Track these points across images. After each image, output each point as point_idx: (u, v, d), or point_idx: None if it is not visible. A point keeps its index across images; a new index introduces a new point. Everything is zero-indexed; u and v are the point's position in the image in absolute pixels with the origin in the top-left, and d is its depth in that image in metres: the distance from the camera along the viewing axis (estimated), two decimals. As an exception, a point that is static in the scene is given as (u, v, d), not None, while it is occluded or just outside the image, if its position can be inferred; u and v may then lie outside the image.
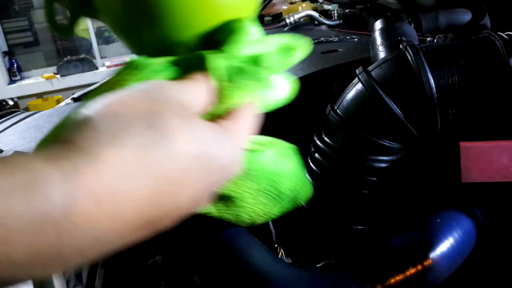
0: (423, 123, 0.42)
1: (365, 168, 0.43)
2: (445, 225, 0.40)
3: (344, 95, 0.45)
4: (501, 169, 0.39)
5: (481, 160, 0.39)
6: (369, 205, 0.44)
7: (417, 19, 0.50)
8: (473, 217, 0.41)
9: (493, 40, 0.41)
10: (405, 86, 0.41)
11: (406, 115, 0.42)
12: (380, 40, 0.49)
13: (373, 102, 0.42)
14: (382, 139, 0.43)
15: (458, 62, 0.41)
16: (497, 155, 0.39)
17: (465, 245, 0.40)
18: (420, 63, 0.40)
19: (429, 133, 0.43)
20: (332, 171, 0.45)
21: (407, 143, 0.44)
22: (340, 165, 0.44)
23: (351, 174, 0.44)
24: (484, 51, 0.41)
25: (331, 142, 0.45)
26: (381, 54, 0.48)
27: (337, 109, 0.45)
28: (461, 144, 0.39)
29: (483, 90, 0.40)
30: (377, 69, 0.43)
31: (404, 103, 0.42)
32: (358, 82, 0.44)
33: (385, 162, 0.43)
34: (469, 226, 0.40)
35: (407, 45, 0.42)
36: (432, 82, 0.40)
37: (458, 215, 0.41)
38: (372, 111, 0.42)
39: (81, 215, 0.18)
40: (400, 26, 0.49)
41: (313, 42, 0.73)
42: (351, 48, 0.64)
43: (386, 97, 0.42)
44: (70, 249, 0.18)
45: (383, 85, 0.42)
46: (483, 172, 0.39)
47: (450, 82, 0.40)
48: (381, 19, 0.51)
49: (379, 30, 0.50)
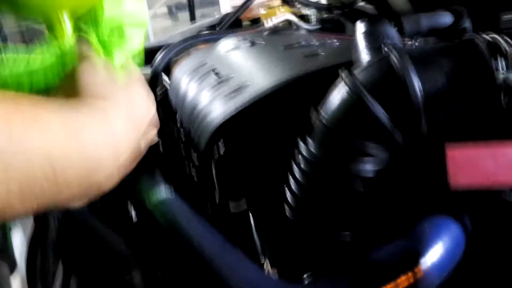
0: (409, 126, 0.41)
1: (350, 174, 0.42)
2: (433, 232, 0.39)
3: (329, 99, 0.44)
4: (488, 174, 0.38)
5: (469, 164, 0.38)
6: (355, 213, 0.43)
7: (399, 22, 0.50)
8: (461, 223, 0.41)
9: (477, 43, 0.41)
10: (391, 89, 0.40)
11: (391, 118, 0.41)
12: (364, 43, 0.48)
13: (358, 106, 0.41)
14: (367, 143, 0.42)
15: (443, 65, 0.40)
16: (485, 159, 0.38)
17: (454, 251, 0.39)
18: (405, 66, 0.40)
19: (416, 137, 0.42)
20: (317, 177, 0.43)
21: (393, 147, 0.43)
22: (324, 170, 0.43)
23: (336, 180, 0.43)
24: (468, 54, 0.41)
25: (315, 147, 0.44)
26: (365, 57, 0.47)
27: (322, 113, 0.44)
28: (448, 149, 0.38)
29: (469, 92, 0.40)
30: (362, 73, 0.42)
31: (389, 107, 0.41)
32: (343, 85, 0.43)
33: (370, 168, 0.42)
34: (457, 233, 0.40)
35: (392, 48, 0.41)
36: (417, 85, 0.39)
37: (446, 221, 0.40)
38: (357, 114, 0.41)
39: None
40: (383, 29, 0.48)
41: (294, 45, 0.72)
42: (333, 51, 0.63)
43: (371, 101, 0.41)
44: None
45: (368, 88, 0.41)
46: (470, 177, 0.38)
47: (435, 85, 0.40)
48: (363, 21, 0.50)
49: (362, 33, 0.49)
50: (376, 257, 0.37)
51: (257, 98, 0.53)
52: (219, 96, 0.60)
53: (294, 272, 0.42)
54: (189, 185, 0.69)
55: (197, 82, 0.73)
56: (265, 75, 0.58)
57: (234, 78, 0.64)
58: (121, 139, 0.31)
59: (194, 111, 0.65)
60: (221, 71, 0.70)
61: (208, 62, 0.80)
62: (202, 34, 1.08)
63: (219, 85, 0.65)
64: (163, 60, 1.01)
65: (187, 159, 0.69)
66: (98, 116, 0.29)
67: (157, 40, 1.51)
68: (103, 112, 0.30)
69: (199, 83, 0.73)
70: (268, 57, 0.67)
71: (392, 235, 0.39)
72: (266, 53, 0.70)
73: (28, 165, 0.22)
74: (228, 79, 0.65)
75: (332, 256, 0.43)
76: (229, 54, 0.79)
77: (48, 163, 0.23)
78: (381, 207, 0.45)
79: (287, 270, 0.43)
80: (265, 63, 0.64)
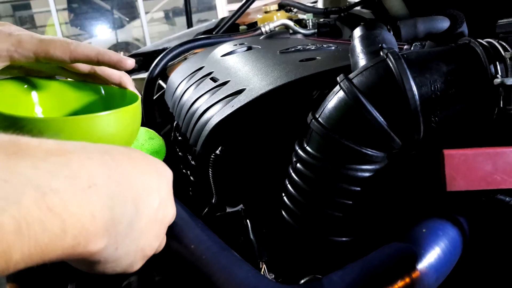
0: (406, 130, 0.41)
1: (348, 177, 0.42)
2: (431, 235, 0.39)
3: (326, 103, 0.44)
4: (485, 177, 0.38)
5: (466, 168, 0.38)
6: (353, 216, 0.43)
7: (396, 27, 0.50)
8: (458, 225, 0.40)
9: (474, 47, 0.41)
10: (387, 94, 0.41)
11: (388, 122, 0.41)
12: (360, 47, 0.48)
13: (355, 110, 0.41)
14: (364, 148, 0.42)
15: (440, 69, 0.40)
16: (481, 162, 0.38)
17: (452, 255, 0.39)
18: (402, 70, 0.40)
19: (412, 141, 0.42)
20: (315, 181, 0.43)
21: (390, 151, 0.43)
22: (322, 174, 0.43)
23: (334, 184, 0.43)
24: (466, 58, 0.41)
25: (313, 151, 0.44)
26: (361, 61, 0.47)
27: (319, 118, 0.44)
28: (445, 152, 0.38)
29: (466, 97, 0.40)
30: (358, 77, 0.42)
31: (386, 111, 0.41)
32: (339, 90, 0.43)
33: (368, 171, 0.42)
34: (454, 235, 0.40)
35: (388, 52, 0.41)
36: (414, 89, 0.40)
37: (444, 224, 0.40)
38: (354, 119, 0.41)
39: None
40: (380, 33, 0.48)
41: (290, 50, 0.72)
42: (329, 56, 0.64)
43: (368, 105, 0.41)
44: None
45: (365, 92, 0.41)
46: (467, 180, 0.38)
47: (432, 89, 0.40)
48: (360, 26, 0.50)
49: (358, 38, 0.49)
50: (373, 260, 0.37)
51: (253, 100, 0.53)
52: (215, 99, 0.60)
53: (291, 275, 0.42)
54: (185, 186, 0.69)
55: (194, 85, 0.73)
56: (261, 79, 0.59)
57: (230, 82, 0.64)
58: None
59: (190, 113, 0.65)
60: (217, 75, 0.70)
61: (204, 66, 0.80)
62: (198, 38, 1.09)
63: (215, 88, 0.65)
64: (159, 64, 1.01)
65: (183, 159, 0.68)
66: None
67: (153, 45, 1.51)
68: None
69: (195, 86, 0.73)
70: (265, 62, 0.67)
71: (389, 238, 0.39)
72: (263, 58, 0.70)
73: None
74: (224, 82, 0.65)
75: (329, 259, 0.43)
76: (226, 58, 0.79)
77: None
78: (378, 210, 0.45)
79: (284, 273, 0.43)
80: (262, 67, 0.64)
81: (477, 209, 0.42)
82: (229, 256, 0.36)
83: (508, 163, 0.38)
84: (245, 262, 0.37)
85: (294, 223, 0.45)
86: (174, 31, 5.43)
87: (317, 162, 0.43)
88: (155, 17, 5.86)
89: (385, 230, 0.43)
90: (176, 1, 5.76)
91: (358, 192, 0.42)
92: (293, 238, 0.45)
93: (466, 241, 0.41)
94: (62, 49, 0.45)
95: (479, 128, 0.42)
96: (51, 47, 0.45)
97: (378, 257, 0.37)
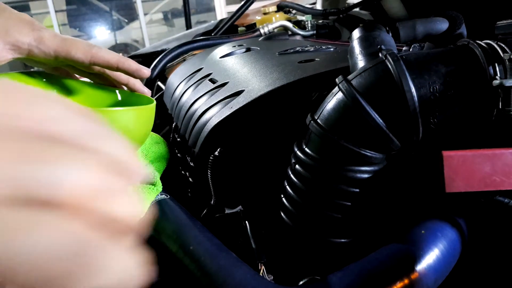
0: (405, 132, 0.41)
1: (347, 179, 0.42)
2: (430, 237, 0.39)
3: (324, 105, 0.44)
4: (484, 178, 0.38)
5: (465, 169, 0.38)
6: (352, 217, 0.43)
7: (394, 28, 0.50)
8: (457, 227, 0.40)
9: (473, 49, 0.41)
10: (386, 95, 0.41)
11: (387, 124, 0.41)
12: (359, 48, 0.48)
13: (354, 111, 0.41)
14: (363, 149, 0.42)
15: (438, 71, 0.40)
16: (480, 164, 0.38)
17: (451, 256, 0.39)
18: (401, 71, 0.40)
19: (411, 142, 0.42)
20: (313, 182, 0.43)
21: (389, 152, 0.43)
22: (321, 176, 0.43)
23: (333, 185, 0.43)
24: (464, 59, 0.41)
25: (311, 152, 0.44)
26: (360, 63, 0.47)
27: (318, 119, 0.44)
28: (444, 153, 0.38)
29: (464, 98, 0.40)
30: (357, 78, 0.42)
31: (385, 112, 0.41)
32: (338, 91, 0.43)
33: (367, 173, 0.42)
34: (453, 237, 0.40)
35: (387, 53, 0.41)
36: (413, 90, 0.40)
37: (442, 225, 0.40)
38: (353, 120, 0.41)
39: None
40: (379, 35, 0.48)
41: (289, 51, 0.72)
42: (328, 57, 0.64)
43: (367, 106, 0.41)
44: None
45: (363, 94, 0.41)
46: (466, 181, 0.38)
47: (431, 90, 0.40)
48: (359, 27, 0.50)
49: (357, 39, 0.49)
50: (372, 261, 0.37)
51: (252, 102, 0.53)
52: (214, 100, 0.60)
53: (290, 276, 0.42)
54: (184, 187, 0.69)
55: (192, 87, 0.73)
56: (260, 81, 0.59)
57: (229, 83, 0.64)
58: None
59: (189, 114, 0.65)
60: (216, 77, 0.70)
61: (203, 68, 0.80)
62: (197, 39, 1.09)
63: (214, 90, 0.65)
64: (158, 65, 1.01)
65: (182, 160, 0.68)
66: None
67: (152, 46, 1.51)
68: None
69: (194, 87, 0.73)
70: (263, 63, 0.67)
71: (388, 240, 0.39)
72: (261, 59, 0.70)
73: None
74: (223, 84, 0.65)
75: (328, 261, 0.43)
76: (224, 60, 0.79)
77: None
78: (377, 212, 0.45)
79: (283, 274, 0.43)
80: (260, 68, 0.64)
81: (476, 211, 0.42)
82: (228, 257, 0.36)
83: (507, 165, 0.38)
84: (243, 263, 0.37)
85: (293, 224, 0.45)
86: (173, 32, 5.44)
87: (315, 163, 0.43)
88: (154, 18, 5.87)
89: (384, 232, 0.43)
90: (175, 2, 5.77)
91: (357, 194, 0.42)
92: (292, 239, 0.45)
93: (465, 242, 0.41)
94: (84, 52, 0.45)
95: (478, 129, 0.42)
96: (73, 48, 0.44)
97: (377, 258, 0.37)
